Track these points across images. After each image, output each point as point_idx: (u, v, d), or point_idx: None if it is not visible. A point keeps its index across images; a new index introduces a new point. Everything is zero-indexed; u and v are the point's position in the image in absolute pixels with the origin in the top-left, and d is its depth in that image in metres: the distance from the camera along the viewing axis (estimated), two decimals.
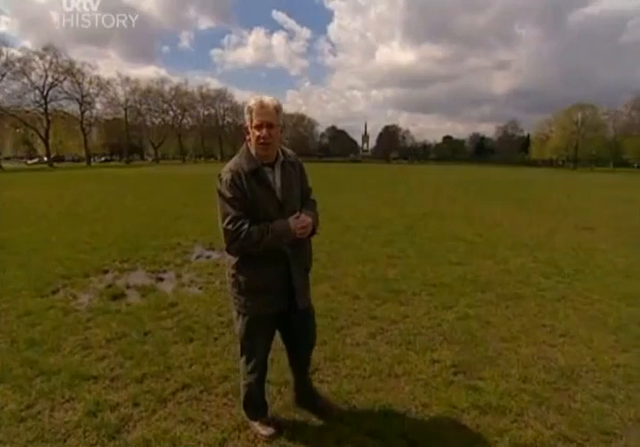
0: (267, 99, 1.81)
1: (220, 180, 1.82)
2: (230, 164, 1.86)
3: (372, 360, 2.82)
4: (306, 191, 2.07)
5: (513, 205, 12.73)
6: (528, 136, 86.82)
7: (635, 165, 63.65)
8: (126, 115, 66.91)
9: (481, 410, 2.31)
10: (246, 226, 1.75)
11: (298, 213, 1.84)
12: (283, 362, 2.73)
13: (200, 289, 4.32)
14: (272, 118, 1.79)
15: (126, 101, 66.26)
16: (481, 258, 5.73)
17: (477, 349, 3.02)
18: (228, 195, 1.79)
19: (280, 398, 2.39)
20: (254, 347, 2.03)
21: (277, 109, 1.81)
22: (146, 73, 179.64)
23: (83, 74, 56.56)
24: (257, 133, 1.79)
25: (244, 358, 2.07)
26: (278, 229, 1.78)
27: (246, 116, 1.83)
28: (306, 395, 2.29)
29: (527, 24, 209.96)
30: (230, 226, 1.76)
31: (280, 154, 1.92)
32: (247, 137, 1.88)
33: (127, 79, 65.89)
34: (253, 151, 1.86)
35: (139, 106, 68.82)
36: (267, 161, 1.87)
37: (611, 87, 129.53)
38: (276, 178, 1.88)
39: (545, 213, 10.87)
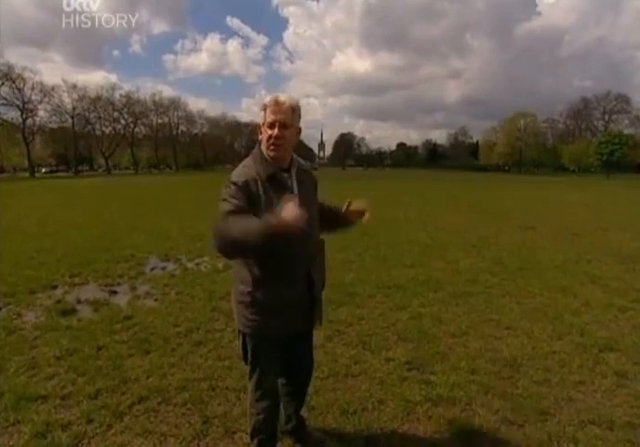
0: (283, 96, 1.64)
1: (232, 183, 1.60)
2: (242, 169, 1.67)
3: (329, 362, 2.90)
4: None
5: (464, 208, 13.37)
6: (477, 142, 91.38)
7: (572, 169, 68.48)
8: (73, 123, 63.87)
9: (433, 402, 2.44)
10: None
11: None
12: (241, 368, 2.76)
13: (156, 300, 4.23)
14: (286, 117, 1.62)
15: (74, 108, 63.35)
16: (433, 260, 5.99)
17: (429, 346, 3.18)
18: (234, 195, 1.58)
19: (239, 404, 2.40)
20: (264, 373, 1.83)
21: (294, 108, 1.65)
22: (94, 78, 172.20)
23: (24, 79, 53.80)
24: (268, 132, 1.63)
25: (252, 385, 1.87)
26: (257, 221, 1.45)
27: (260, 114, 1.67)
28: (298, 425, 2.14)
29: (479, 35, 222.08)
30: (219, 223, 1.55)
31: (295, 160, 1.78)
32: (260, 137, 1.71)
33: (75, 86, 63.06)
34: (265, 153, 1.69)
35: (87, 114, 66.04)
36: (281, 166, 1.70)
37: (551, 96, 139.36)
38: (294, 184, 1.72)
39: (493, 215, 11.51)
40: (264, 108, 1.65)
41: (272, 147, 1.64)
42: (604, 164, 56.42)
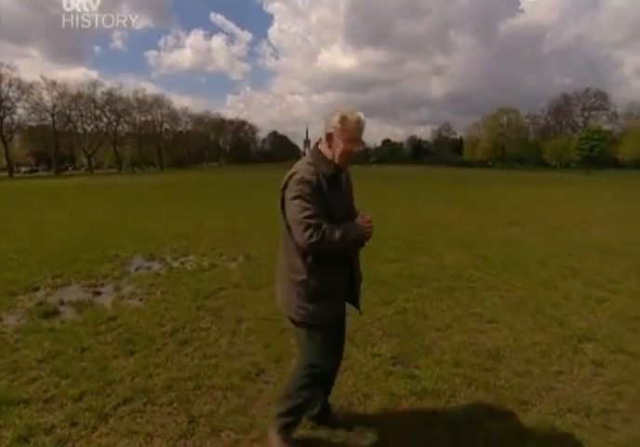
0: (362, 115, 1.82)
1: (306, 181, 1.73)
2: (307, 166, 1.80)
3: None
4: None
5: (450, 204, 13.52)
6: (461, 138, 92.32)
7: (553, 165, 69.67)
8: (53, 121, 62.45)
9: (418, 395, 2.48)
10: (325, 225, 1.70)
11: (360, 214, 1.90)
12: (227, 366, 2.78)
13: (141, 300, 4.18)
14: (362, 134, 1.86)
15: (54, 106, 61.93)
16: (418, 255, 6.06)
17: (414, 340, 3.22)
18: (310, 194, 1.72)
19: (226, 402, 2.41)
20: (324, 359, 1.92)
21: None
22: (75, 75, 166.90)
23: (0, 75, 52.31)
24: (350, 147, 1.80)
25: (306, 372, 1.93)
26: (348, 229, 1.76)
27: (337, 125, 1.78)
28: (325, 410, 2.23)
29: (463, 32, 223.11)
30: (313, 221, 1.68)
31: None
32: (327, 144, 1.84)
33: (54, 83, 61.67)
34: (329, 156, 1.84)
35: (68, 112, 64.68)
36: (337, 167, 1.87)
37: (533, 92, 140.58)
38: (343, 183, 1.93)
39: (477, 211, 11.68)
40: (344, 121, 1.77)
41: (347, 159, 1.84)
42: (584, 159, 57.60)
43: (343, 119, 1.77)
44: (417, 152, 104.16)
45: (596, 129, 58.74)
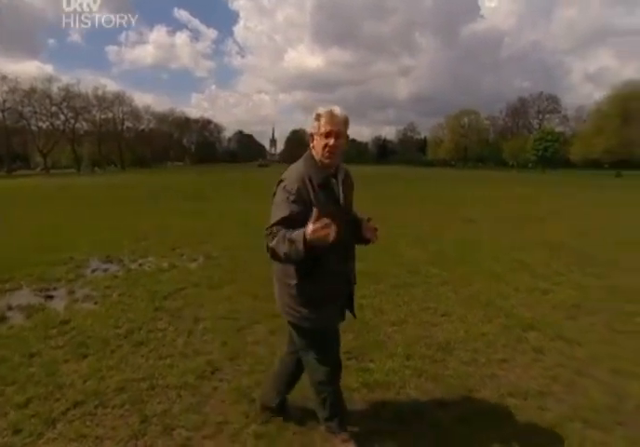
0: (338, 109, 1.78)
1: (286, 191, 1.72)
2: (295, 172, 1.78)
3: (272, 355, 2.92)
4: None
5: (412, 203, 13.85)
6: (425, 138, 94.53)
7: (511, 164, 72.57)
8: (4, 117, 58.90)
9: (370, 388, 2.57)
10: (283, 231, 1.64)
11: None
12: (182, 366, 2.77)
13: (96, 303, 4.06)
14: (341, 128, 1.77)
15: (4, 101, 58.43)
16: (378, 253, 6.14)
17: (370, 335, 3.32)
18: (285, 201, 1.71)
19: (180, 401, 2.40)
20: (324, 356, 1.92)
21: (346, 121, 1.80)
22: (28, 68, 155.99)
23: None
24: (325, 141, 1.75)
25: (313, 371, 1.95)
26: (295, 235, 1.58)
27: (314, 123, 1.79)
28: (282, 402, 2.28)
29: (427, 33, 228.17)
30: (268, 230, 1.69)
31: (341, 165, 1.91)
32: (312, 144, 1.83)
33: (4, 77, 57.97)
34: (317, 158, 1.80)
35: (20, 108, 60.97)
36: (331, 171, 1.83)
37: (494, 95, 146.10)
38: (339, 188, 1.85)
39: (437, 210, 12.03)
40: (318, 118, 1.77)
41: (327, 155, 1.77)
42: (539, 159, 60.47)
43: (318, 116, 1.78)
44: (382, 152, 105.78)
45: (549, 131, 61.93)
